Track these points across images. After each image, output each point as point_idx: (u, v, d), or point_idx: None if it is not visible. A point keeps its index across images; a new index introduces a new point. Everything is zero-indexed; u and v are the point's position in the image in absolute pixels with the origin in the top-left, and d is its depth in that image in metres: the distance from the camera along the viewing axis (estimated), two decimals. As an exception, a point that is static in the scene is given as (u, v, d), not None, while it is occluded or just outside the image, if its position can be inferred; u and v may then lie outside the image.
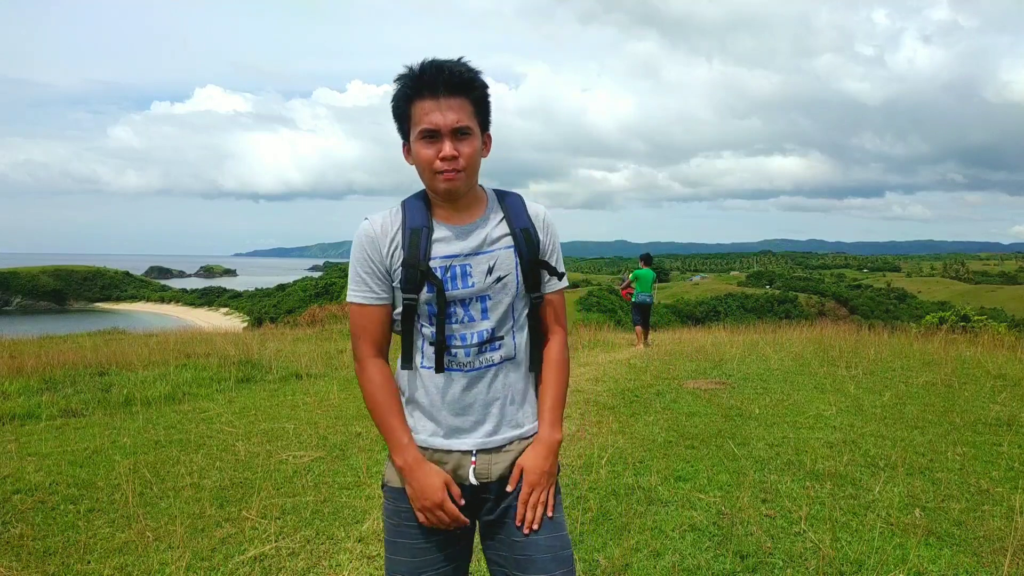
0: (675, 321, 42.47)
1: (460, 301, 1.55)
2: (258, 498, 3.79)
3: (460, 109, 1.48)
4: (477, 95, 1.51)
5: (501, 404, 1.59)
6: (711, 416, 5.61)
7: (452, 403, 1.57)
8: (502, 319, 1.58)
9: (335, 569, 2.99)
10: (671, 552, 3.05)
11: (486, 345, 1.57)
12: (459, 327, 1.55)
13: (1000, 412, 5.42)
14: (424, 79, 1.47)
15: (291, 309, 46.30)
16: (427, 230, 1.54)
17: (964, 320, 13.38)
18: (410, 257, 1.52)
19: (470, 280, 1.55)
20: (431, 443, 1.57)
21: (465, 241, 1.56)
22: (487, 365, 1.57)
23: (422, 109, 1.48)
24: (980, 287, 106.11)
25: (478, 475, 1.57)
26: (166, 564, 3.03)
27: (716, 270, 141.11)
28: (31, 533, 3.37)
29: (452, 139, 1.48)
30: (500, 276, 1.56)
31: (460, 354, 1.56)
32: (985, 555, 2.96)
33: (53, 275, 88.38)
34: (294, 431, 5.36)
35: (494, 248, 1.57)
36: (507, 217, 1.61)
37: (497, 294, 1.57)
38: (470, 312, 1.56)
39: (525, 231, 1.60)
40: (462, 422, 1.57)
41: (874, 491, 3.73)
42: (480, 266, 1.55)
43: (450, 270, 1.54)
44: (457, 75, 1.47)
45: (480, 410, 1.57)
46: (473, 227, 1.57)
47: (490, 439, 1.58)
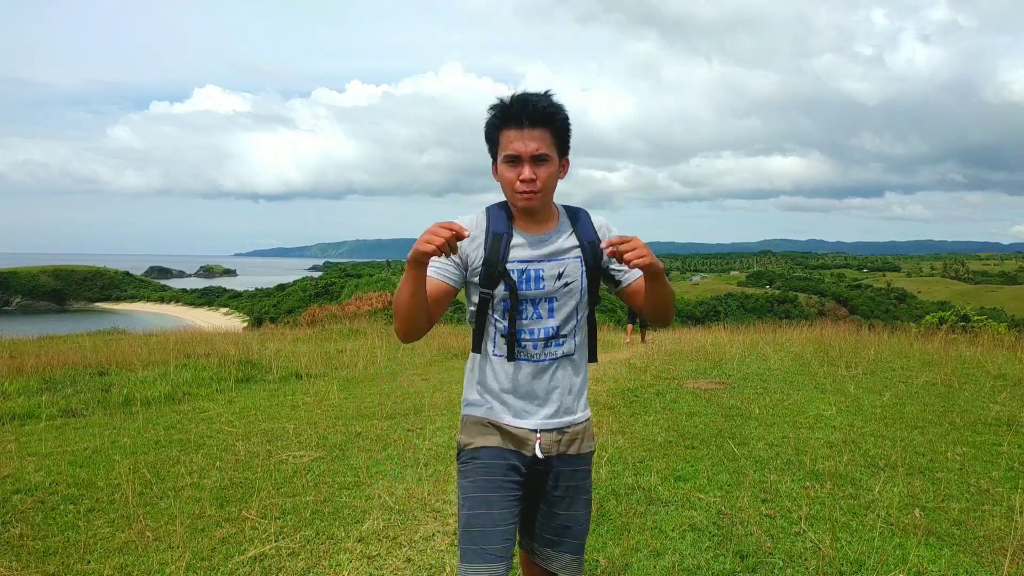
0: (675, 321, 42.44)
1: (531, 300, 1.78)
2: (258, 498, 3.79)
3: (540, 139, 1.69)
4: (557, 127, 1.72)
5: (560, 392, 1.83)
6: (711, 416, 5.61)
7: (519, 388, 1.80)
8: (566, 319, 1.81)
9: (335, 569, 2.99)
10: (671, 552, 3.05)
11: (551, 340, 1.80)
12: (528, 323, 1.79)
13: (1000, 412, 5.42)
14: (511, 111, 1.69)
15: (291, 309, 46.29)
16: (507, 236, 1.77)
17: (964, 320, 13.39)
18: (491, 257, 1.76)
19: (542, 283, 1.78)
20: (502, 420, 1.81)
21: (539, 249, 1.79)
22: (551, 358, 1.81)
23: (508, 137, 1.70)
24: (980, 287, 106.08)
25: (544, 450, 1.81)
26: (166, 564, 3.03)
27: (716, 270, 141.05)
28: (31, 533, 3.37)
29: (531, 164, 1.70)
30: (568, 282, 1.80)
31: (529, 346, 1.79)
32: (985, 555, 2.96)
33: (53, 275, 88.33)
34: (294, 431, 5.36)
35: (564, 257, 1.80)
36: (576, 231, 1.84)
37: (563, 297, 1.80)
38: (539, 311, 1.79)
39: (592, 243, 1.83)
40: (526, 405, 1.81)
41: (874, 491, 3.73)
42: (551, 271, 1.78)
43: (525, 273, 1.77)
44: (541, 109, 1.68)
45: (543, 396, 1.81)
46: (547, 237, 1.81)
47: (550, 421, 1.82)
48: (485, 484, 1.78)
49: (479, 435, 1.82)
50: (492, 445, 1.80)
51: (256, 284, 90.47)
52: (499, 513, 1.76)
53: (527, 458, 1.81)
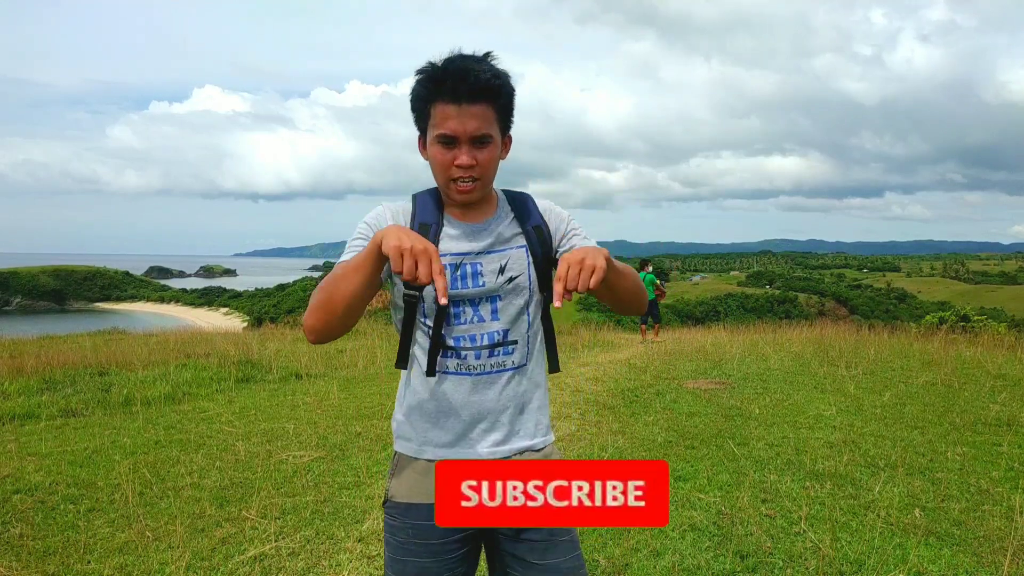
0: (675, 321, 42.48)
1: (469, 300, 1.47)
2: (258, 498, 3.79)
3: (482, 117, 1.39)
4: (503, 102, 1.43)
5: (512, 413, 1.50)
6: (711, 416, 5.61)
7: (458, 409, 1.48)
8: (514, 321, 1.50)
9: (335, 569, 2.99)
10: (671, 552, 3.05)
11: (498, 348, 1.48)
12: (468, 327, 1.47)
13: (1000, 412, 5.42)
14: (447, 83, 1.37)
15: (291, 309, 46.30)
16: (436, 226, 1.48)
17: (964, 320, 13.39)
18: None
19: (481, 279, 1.47)
20: (439, 455, 1.47)
21: (476, 240, 1.49)
22: (498, 370, 1.49)
23: (442, 113, 1.39)
24: (980, 287, 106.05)
25: None
26: (166, 564, 3.03)
27: (716, 270, 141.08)
28: (31, 533, 3.37)
29: (471, 147, 1.40)
30: (512, 276, 1.49)
31: (470, 356, 1.47)
32: (985, 555, 2.96)
33: (53, 275, 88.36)
34: (294, 431, 5.36)
35: (506, 247, 1.50)
36: (518, 216, 1.54)
37: (508, 295, 1.49)
38: (480, 312, 1.48)
39: (537, 228, 1.53)
40: (467, 430, 1.48)
41: (874, 491, 3.73)
42: (491, 265, 1.48)
43: (460, 268, 1.46)
44: (484, 82, 1.37)
45: (488, 417, 1.49)
46: (484, 226, 1.50)
47: (498, 448, 1.49)
48: (418, 549, 1.47)
49: (412, 486, 1.49)
50: (426, 502, 1.44)
51: (256, 284, 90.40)
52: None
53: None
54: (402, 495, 1.49)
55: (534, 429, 1.54)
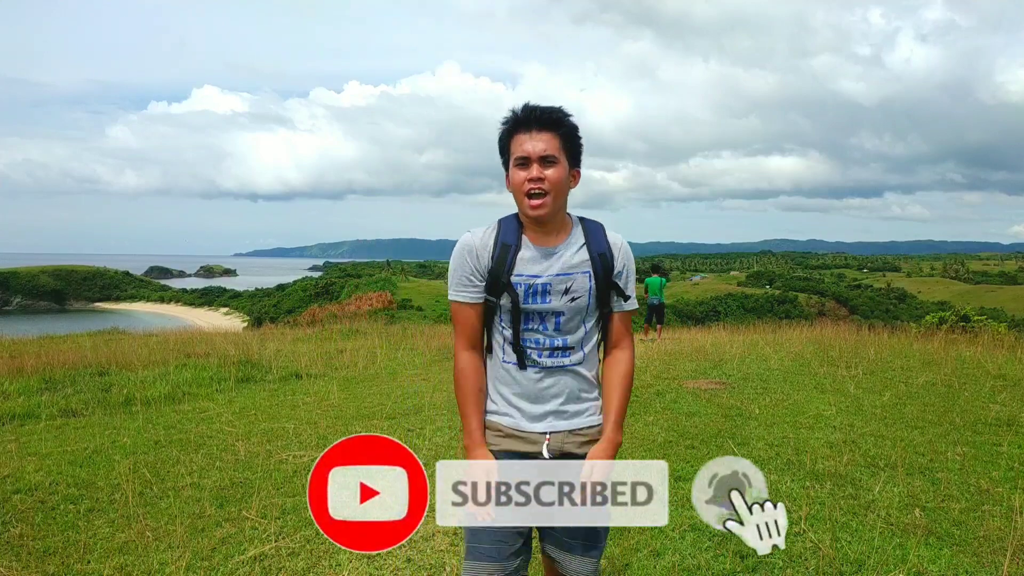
0: (675, 321, 42.44)
1: (537, 314, 1.83)
2: (258, 498, 3.79)
3: (548, 141, 1.75)
4: (565, 131, 1.78)
5: (567, 398, 1.87)
6: (711, 416, 5.61)
7: (527, 393, 1.86)
8: (573, 333, 1.86)
9: (335, 569, 2.99)
10: (671, 552, 3.05)
11: (558, 351, 1.85)
12: (534, 333, 1.84)
13: (1000, 412, 5.42)
14: (520, 117, 1.77)
15: (291, 309, 46.29)
16: (515, 247, 1.81)
17: (964, 320, 13.38)
18: (496, 267, 1.81)
19: (548, 298, 1.81)
20: (516, 425, 1.87)
21: (548, 262, 1.82)
22: (558, 367, 1.86)
23: (517, 141, 1.77)
24: (980, 287, 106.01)
25: (550, 450, 1.86)
26: (166, 564, 3.03)
27: (716, 270, 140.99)
28: (31, 533, 3.37)
29: (540, 164, 1.74)
30: (574, 297, 1.82)
31: (534, 355, 1.85)
32: (985, 555, 2.96)
33: (53, 275, 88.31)
34: (294, 431, 5.36)
35: (572, 272, 1.82)
36: (587, 243, 1.86)
37: (570, 311, 1.83)
38: (546, 324, 1.83)
39: (602, 255, 1.85)
40: (535, 409, 1.86)
41: (874, 491, 3.73)
42: (558, 287, 1.81)
43: (532, 287, 1.81)
44: (548, 114, 1.76)
45: (549, 400, 1.86)
46: (556, 250, 1.83)
47: (557, 423, 1.87)
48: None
49: (492, 441, 1.89)
50: (501, 450, 1.87)
51: (256, 284, 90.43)
52: (501, 531, 1.84)
53: (537, 460, 1.87)
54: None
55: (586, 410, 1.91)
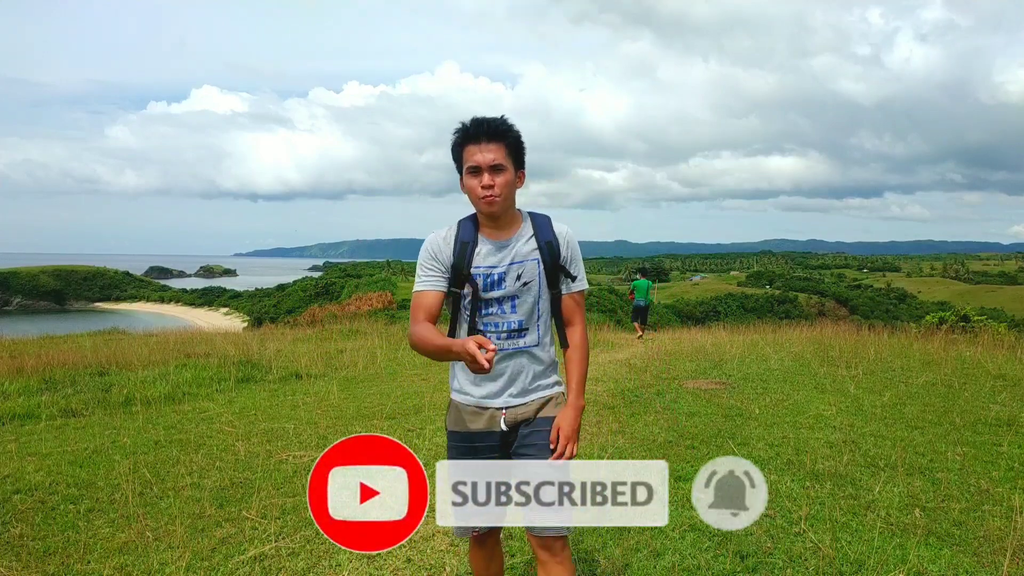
0: (675, 321, 42.42)
1: (496, 300, 2.08)
2: (258, 498, 3.79)
3: (496, 151, 1.99)
4: (510, 140, 2.02)
5: (524, 376, 2.11)
6: (711, 416, 5.61)
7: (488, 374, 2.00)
8: (528, 313, 2.10)
9: (335, 569, 2.99)
10: (671, 552, 3.05)
11: (515, 333, 2.10)
12: (493, 317, 2.09)
13: (1000, 412, 5.42)
14: (471, 131, 2.00)
15: (291, 309, 46.25)
16: (472, 244, 2.08)
17: (964, 320, 13.38)
18: (457, 262, 2.06)
19: (503, 284, 2.07)
20: (476, 401, 2.12)
21: (502, 254, 2.08)
22: (514, 348, 2.10)
23: (469, 152, 2.01)
24: (980, 287, 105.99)
25: (507, 423, 2.10)
26: (166, 564, 3.03)
27: (716, 270, 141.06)
28: (31, 533, 3.37)
29: (490, 172, 1.99)
30: (526, 282, 2.08)
31: (493, 338, 2.06)
32: (985, 555, 2.96)
33: (53, 275, 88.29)
34: (294, 431, 5.36)
35: (523, 260, 2.08)
36: (535, 234, 2.11)
37: (523, 295, 2.09)
38: (503, 308, 2.09)
39: (549, 243, 2.10)
40: (493, 387, 2.10)
41: (874, 491, 3.73)
42: (512, 274, 2.07)
43: (489, 277, 2.07)
44: (495, 127, 1.99)
45: (507, 378, 2.10)
46: (508, 243, 2.09)
47: (513, 399, 2.12)
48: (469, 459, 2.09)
49: (455, 419, 2.16)
50: (466, 429, 2.13)
51: (256, 284, 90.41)
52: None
53: (496, 433, 2.11)
54: (453, 425, 2.17)
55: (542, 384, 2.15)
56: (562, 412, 2.09)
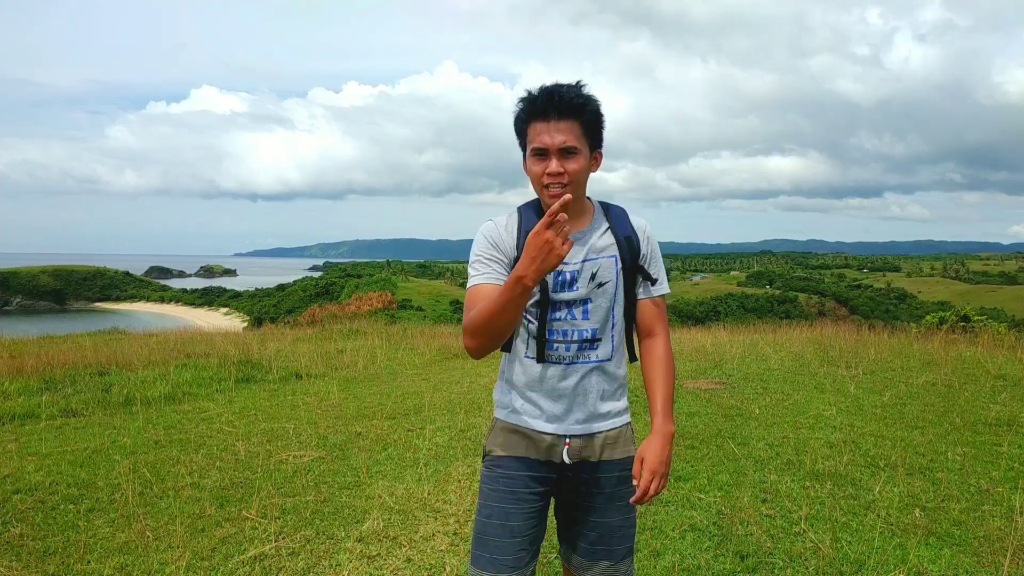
0: (675, 321, 42.46)
1: (565, 303, 1.73)
2: (258, 498, 3.79)
3: (568, 131, 1.63)
4: (587, 118, 1.66)
5: (593, 398, 1.76)
6: (711, 416, 5.61)
7: (549, 391, 1.74)
8: (602, 321, 1.75)
9: (335, 569, 2.99)
10: (671, 552, 3.05)
11: (587, 344, 1.74)
12: (562, 324, 1.73)
13: (1000, 412, 5.42)
14: (538, 104, 1.64)
15: (291, 309, 46.27)
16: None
17: (964, 320, 13.37)
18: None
19: (576, 285, 1.72)
20: (532, 424, 1.75)
21: (574, 249, 1.70)
22: (584, 361, 1.74)
23: (535, 130, 1.65)
24: (980, 287, 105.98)
25: (571, 455, 1.74)
26: (166, 564, 3.03)
27: (716, 270, 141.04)
28: (31, 533, 3.37)
29: (559, 157, 1.63)
30: (601, 282, 1.73)
31: (561, 349, 1.73)
32: (985, 555, 2.96)
33: (53, 275, 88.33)
34: (294, 431, 5.36)
35: (599, 257, 1.74)
36: (612, 227, 1.78)
37: (598, 298, 1.74)
38: (573, 313, 1.73)
39: (628, 239, 1.78)
40: (555, 408, 1.74)
41: (874, 491, 3.73)
42: (585, 273, 1.72)
43: (560, 275, 1.71)
44: (568, 100, 1.62)
45: (573, 400, 1.75)
46: (581, 236, 1.74)
47: (579, 426, 1.75)
48: (505, 494, 1.74)
49: (505, 443, 1.78)
50: (517, 455, 1.76)
51: (256, 284, 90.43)
52: (516, 525, 1.72)
53: (555, 465, 1.76)
54: (497, 449, 1.79)
55: (611, 411, 1.80)
56: (648, 441, 1.72)
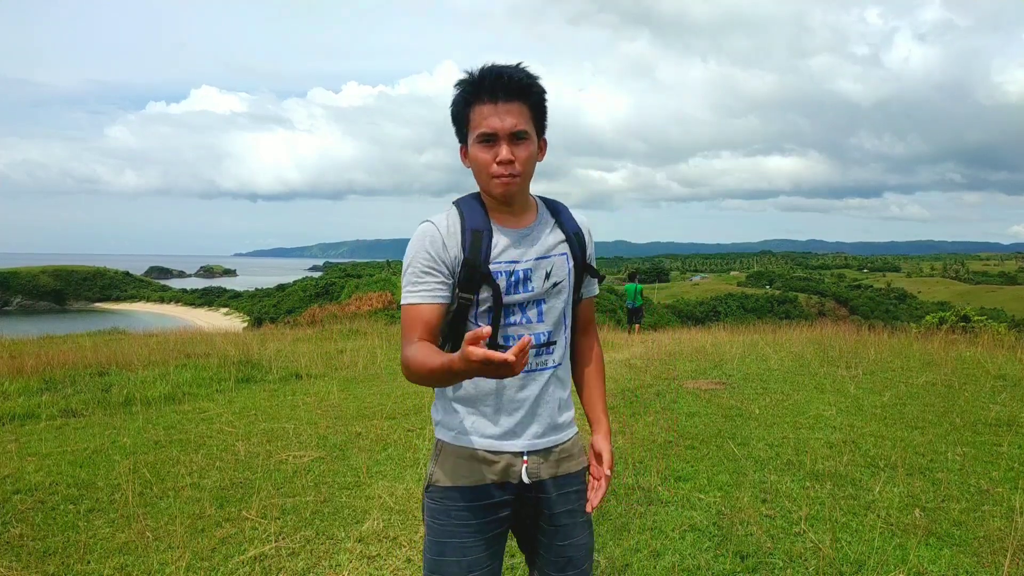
0: (675, 321, 42.43)
1: (519, 305, 1.59)
2: (258, 498, 3.79)
3: (518, 114, 1.50)
4: (535, 100, 1.53)
5: (551, 408, 1.64)
6: (711, 416, 5.61)
7: (505, 404, 1.60)
8: (557, 322, 1.64)
9: (335, 569, 2.99)
10: (671, 552, 3.05)
11: (543, 349, 1.62)
12: (517, 328, 1.60)
13: (1000, 412, 5.42)
14: (483, 84, 1.49)
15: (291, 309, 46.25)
16: (488, 232, 1.57)
17: (964, 320, 13.37)
18: (471, 257, 1.54)
19: (530, 285, 1.59)
20: (482, 444, 1.60)
21: (524, 246, 1.60)
22: (542, 368, 1.62)
23: (480, 113, 1.50)
24: (980, 287, 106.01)
25: (530, 474, 1.61)
26: (166, 564, 3.03)
27: (716, 270, 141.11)
28: (31, 533, 3.37)
29: (509, 143, 1.50)
30: (556, 281, 1.62)
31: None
32: (985, 555, 2.96)
33: (53, 275, 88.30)
34: (294, 431, 5.36)
35: (551, 255, 1.62)
36: (559, 222, 1.67)
37: (552, 298, 1.62)
38: (527, 315, 1.60)
39: (577, 235, 1.67)
40: (511, 422, 1.60)
41: (874, 491, 3.73)
42: (539, 272, 1.60)
43: (513, 275, 1.58)
44: (516, 80, 1.49)
45: (532, 411, 1.61)
46: (529, 231, 1.62)
47: (538, 441, 1.63)
48: (459, 527, 1.58)
49: (455, 469, 1.60)
50: (469, 485, 1.59)
51: (256, 284, 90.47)
52: (475, 559, 1.58)
53: (513, 486, 1.61)
54: (444, 479, 1.61)
55: (565, 421, 1.70)
56: (599, 438, 1.74)
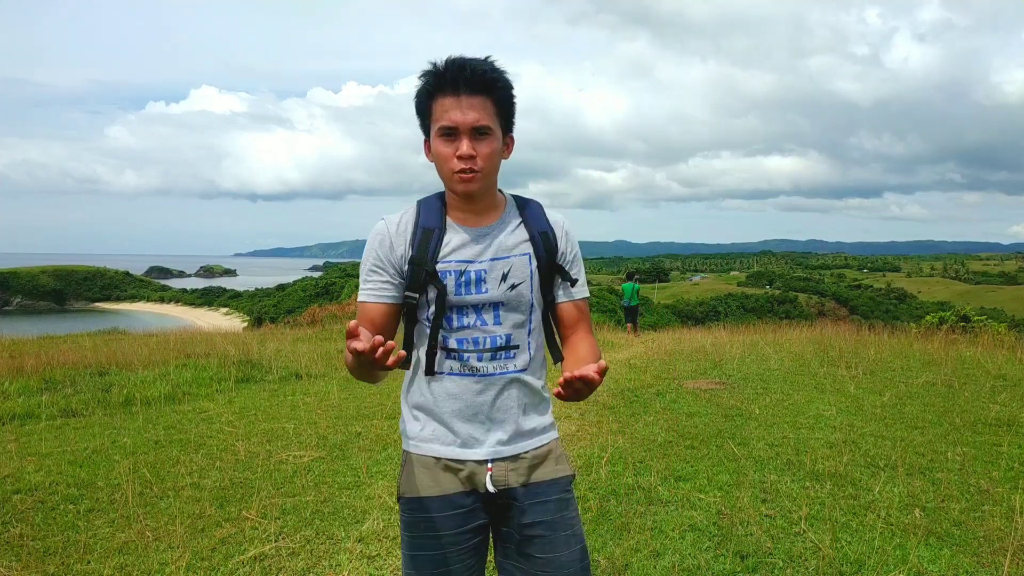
0: (675, 321, 42.43)
1: (473, 306, 1.52)
2: (258, 498, 3.79)
3: (481, 108, 1.44)
4: (500, 95, 1.48)
5: (514, 414, 1.56)
6: (711, 416, 5.61)
7: (463, 409, 1.53)
8: (517, 327, 1.55)
9: (335, 569, 2.99)
10: (671, 552, 3.05)
11: (500, 352, 1.54)
12: (471, 331, 1.52)
13: (1000, 412, 5.42)
14: (446, 76, 1.43)
15: (291, 309, 46.26)
16: (439, 231, 1.52)
17: (964, 320, 13.37)
18: (418, 256, 1.50)
19: (484, 286, 1.52)
20: (444, 453, 1.54)
21: (480, 246, 1.53)
22: (501, 372, 1.54)
23: (442, 106, 1.45)
24: (980, 287, 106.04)
25: (495, 482, 1.53)
26: (166, 564, 3.03)
27: (716, 270, 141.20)
28: (31, 533, 3.37)
29: (471, 138, 1.45)
30: (514, 284, 1.53)
31: (472, 359, 1.52)
32: (985, 555, 2.96)
33: (53, 275, 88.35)
34: (294, 431, 5.36)
35: (510, 255, 1.54)
36: (525, 221, 1.58)
37: (511, 301, 1.54)
38: (483, 318, 1.53)
39: (544, 235, 1.58)
40: (473, 429, 1.54)
41: (874, 491, 3.73)
42: (495, 272, 1.53)
43: (464, 275, 1.51)
44: (480, 73, 1.43)
45: (492, 418, 1.54)
46: (489, 231, 1.55)
47: (503, 448, 1.55)
48: (433, 539, 1.52)
49: (421, 480, 1.54)
50: (439, 494, 1.53)
51: (256, 284, 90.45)
52: (454, 569, 1.53)
53: (481, 495, 1.54)
54: (412, 490, 1.55)
55: (536, 427, 1.59)
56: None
